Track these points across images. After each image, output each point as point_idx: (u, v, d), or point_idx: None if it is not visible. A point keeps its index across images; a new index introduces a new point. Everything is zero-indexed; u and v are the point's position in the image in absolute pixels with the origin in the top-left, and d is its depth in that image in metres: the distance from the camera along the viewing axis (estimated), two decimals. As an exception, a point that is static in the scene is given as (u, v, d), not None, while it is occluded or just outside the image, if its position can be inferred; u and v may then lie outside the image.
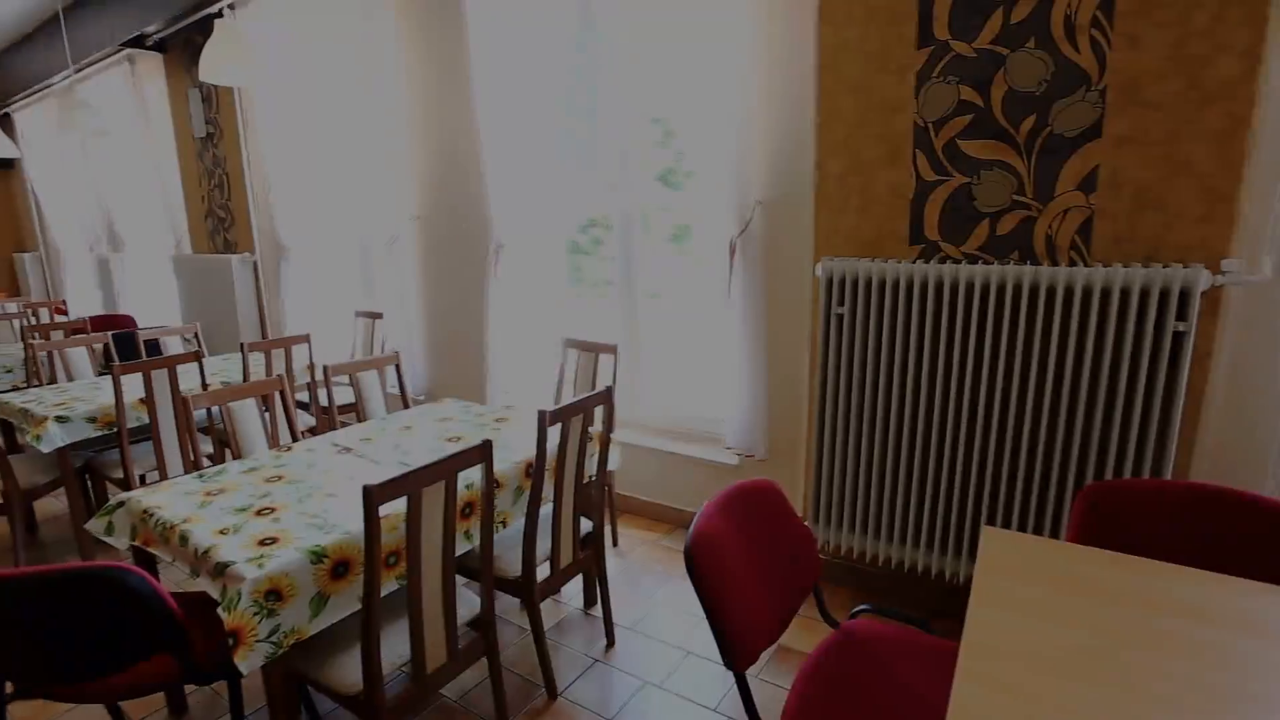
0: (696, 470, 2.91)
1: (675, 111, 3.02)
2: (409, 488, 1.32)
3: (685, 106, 2.70)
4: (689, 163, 3.10)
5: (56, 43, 5.20)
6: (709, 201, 2.55)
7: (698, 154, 2.98)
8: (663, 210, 3.07)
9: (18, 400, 2.85)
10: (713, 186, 2.52)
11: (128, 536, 1.71)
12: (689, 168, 3.11)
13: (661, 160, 3.11)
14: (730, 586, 1.24)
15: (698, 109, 2.53)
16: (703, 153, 2.59)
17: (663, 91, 2.93)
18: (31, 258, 7.82)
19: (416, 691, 1.52)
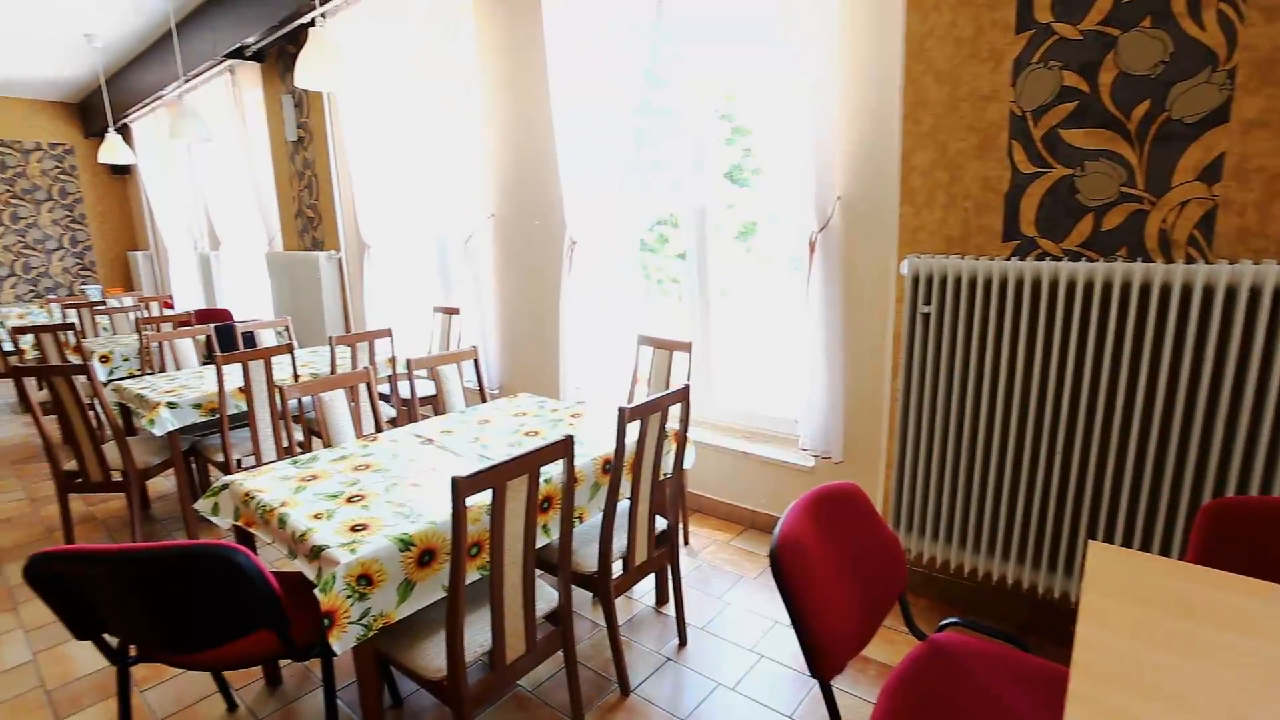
0: (769, 471, 2.86)
1: (746, 107, 2.98)
2: (494, 480, 1.35)
3: (758, 102, 2.65)
4: (756, 159, 3.05)
5: (168, 56, 5.59)
6: (779, 198, 2.50)
7: (768, 150, 2.93)
8: (729, 207, 3.04)
9: (135, 387, 3.08)
10: (784, 183, 2.46)
11: (231, 517, 1.81)
12: (755, 164, 3.06)
13: (728, 157, 3.07)
14: (817, 592, 1.21)
15: (772, 104, 2.48)
16: (775, 149, 2.54)
17: (735, 87, 2.89)
18: (143, 256, 8.46)
19: (495, 680, 1.55)
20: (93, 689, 2.09)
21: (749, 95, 2.96)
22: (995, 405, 2.01)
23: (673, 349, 2.69)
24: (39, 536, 3.21)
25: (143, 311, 5.48)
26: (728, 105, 2.98)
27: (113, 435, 2.87)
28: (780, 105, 2.45)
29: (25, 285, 8.01)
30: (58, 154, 8.09)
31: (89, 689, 2.09)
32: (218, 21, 4.87)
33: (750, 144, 3.10)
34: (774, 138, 2.93)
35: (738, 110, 3.03)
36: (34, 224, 8.00)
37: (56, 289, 8.24)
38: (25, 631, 2.41)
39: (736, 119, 3.06)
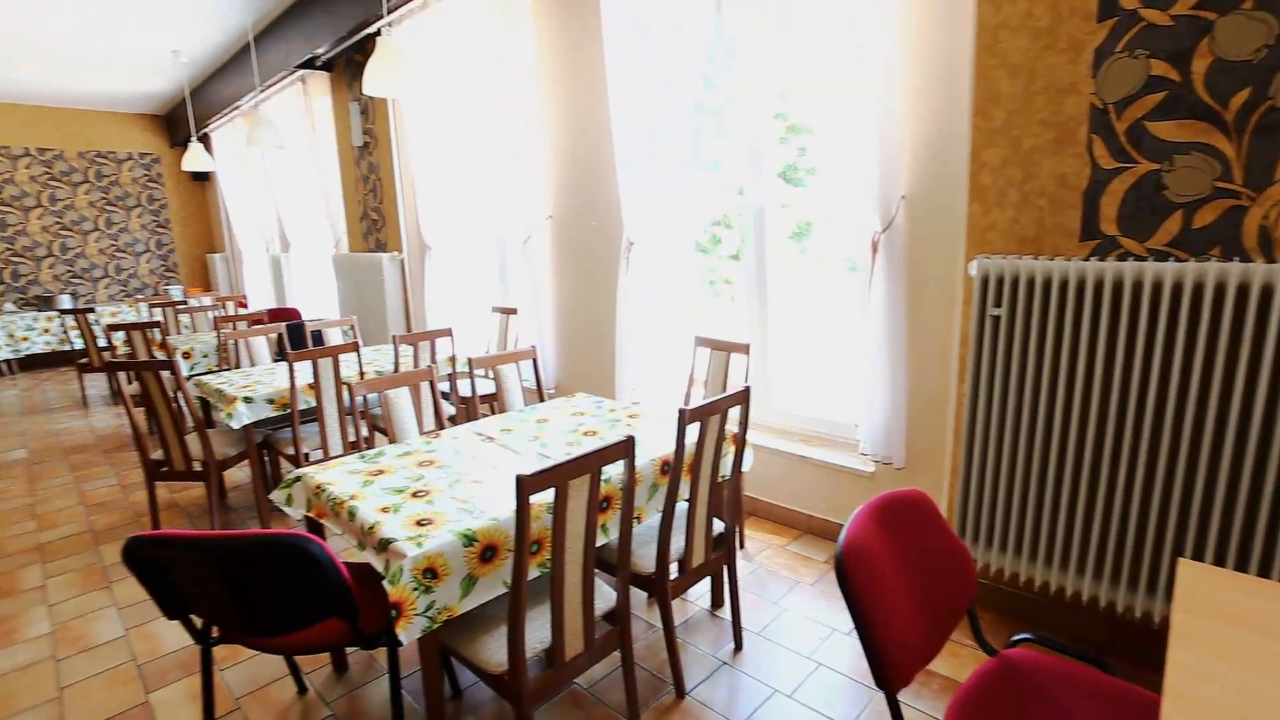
0: (827, 476, 2.81)
1: (802, 105, 2.93)
2: (557, 479, 1.37)
3: (815, 100, 2.60)
4: (811, 158, 3.00)
5: (246, 69, 5.88)
6: (835, 198, 2.45)
7: (824, 149, 2.88)
8: (783, 207, 3.00)
9: (214, 382, 3.25)
10: (841, 182, 2.42)
11: (304, 508, 1.89)
12: (810, 164, 3.01)
13: (783, 156, 3.03)
14: (884, 600, 1.18)
15: (831, 102, 2.43)
16: (832, 147, 2.49)
17: (790, 85, 2.85)
18: (220, 258, 8.92)
19: (554, 677, 1.57)
20: (177, 665, 2.21)
21: (805, 93, 2.92)
22: (1071, 411, 1.91)
23: (730, 350, 2.67)
24: (129, 520, 3.42)
25: (220, 310, 5.78)
26: (782, 104, 2.94)
27: (194, 427, 3.04)
28: (840, 103, 2.40)
29: (117, 285, 8.56)
30: (146, 163, 8.62)
31: (174, 665, 2.22)
32: (291, 34, 5.09)
33: (805, 143, 3.06)
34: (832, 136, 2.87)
35: (792, 108, 2.99)
36: (125, 228, 8.55)
37: (143, 289, 8.78)
38: (118, 609, 2.58)
39: (790, 117, 3.02)
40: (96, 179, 8.28)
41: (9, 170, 7.72)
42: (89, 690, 2.12)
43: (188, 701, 2.04)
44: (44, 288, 8.07)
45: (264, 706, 2.00)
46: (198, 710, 2.00)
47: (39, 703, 2.07)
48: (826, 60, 2.43)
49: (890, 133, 2.31)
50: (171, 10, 4.89)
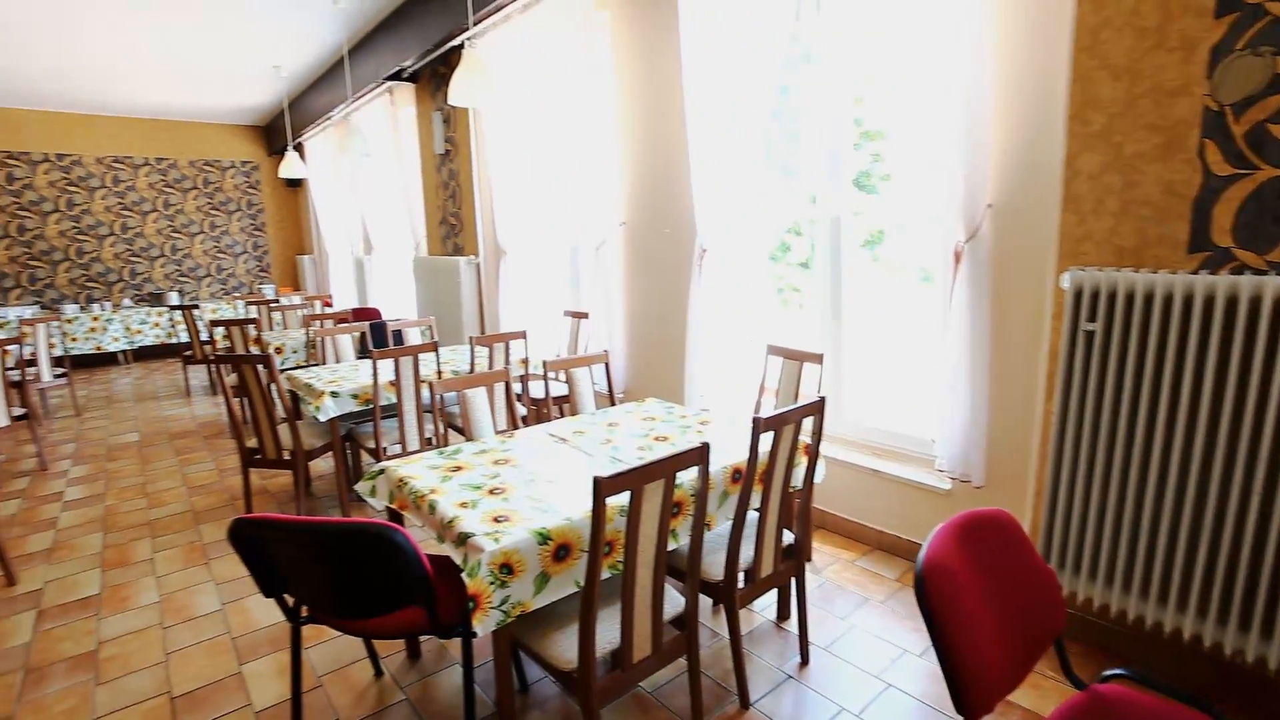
0: (901, 491, 2.73)
1: (877, 111, 2.87)
2: (633, 483, 1.39)
3: (892, 105, 2.55)
4: (886, 165, 2.93)
5: (339, 81, 6.22)
6: (911, 206, 2.38)
7: (899, 155, 2.82)
8: (855, 215, 2.93)
9: (304, 376, 3.44)
10: (918, 189, 2.35)
11: (386, 499, 1.98)
12: (884, 170, 2.94)
13: (856, 163, 2.97)
14: (966, 623, 1.14)
15: (909, 107, 2.37)
16: (910, 154, 2.42)
17: (868, 90, 2.79)
18: (309, 259, 9.46)
19: (621, 679, 1.59)
20: (267, 641, 2.36)
21: (881, 98, 2.85)
22: (1174, 435, 1.79)
23: (803, 360, 2.63)
24: (225, 503, 3.66)
25: (309, 309, 6.13)
26: (856, 108, 2.89)
27: (285, 418, 3.23)
28: (920, 108, 2.34)
29: (217, 284, 9.21)
30: (246, 170, 9.24)
31: (264, 640, 2.36)
32: (381, 48, 5.36)
33: (879, 149, 2.99)
34: (909, 142, 2.80)
35: (866, 114, 2.93)
36: (226, 231, 9.18)
37: (240, 287, 9.40)
38: (216, 584, 2.77)
39: (864, 123, 2.96)
40: (203, 185, 8.93)
41: (131, 178, 8.44)
42: (190, 657, 2.28)
43: (275, 676, 2.17)
44: (156, 285, 8.76)
45: (344, 686, 2.10)
46: (285, 684, 2.12)
47: (149, 665, 2.25)
48: (907, 64, 2.37)
49: (978, 139, 2.22)
50: (276, 30, 5.24)
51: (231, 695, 2.08)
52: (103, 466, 4.37)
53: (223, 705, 2.04)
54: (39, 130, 7.85)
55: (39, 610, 2.62)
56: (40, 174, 7.91)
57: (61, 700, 2.09)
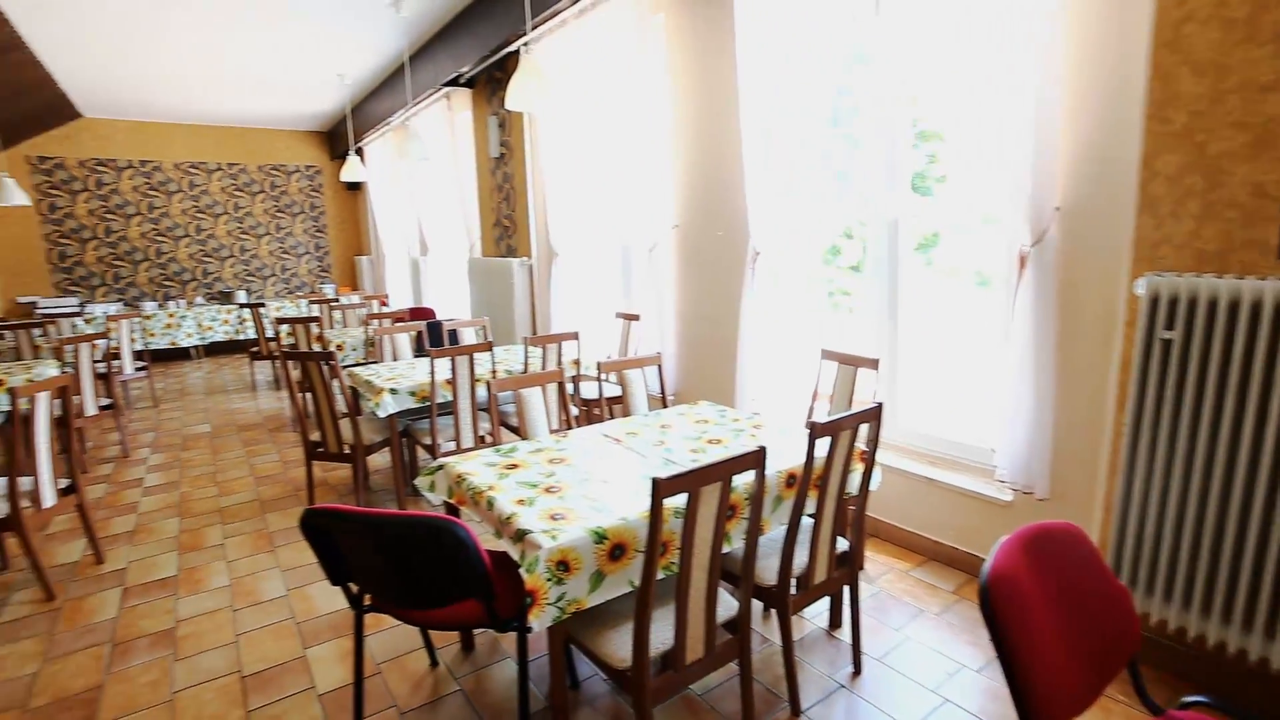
0: (957, 501, 2.66)
1: (936, 110, 2.80)
2: (691, 485, 1.39)
3: (952, 104, 2.48)
4: (942, 166, 2.86)
5: (399, 88, 6.43)
6: (968, 208, 2.32)
7: (957, 156, 2.75)
8: (911, 218, 2.87)
9: (364, 373, 3.57)
10: (977, 191, 2.28)
11: (444, 494, 2.04)
12: (940, 171, 2.87)
13: (912, 164, 2.90)
14: (1034, 638, 1.11)
15: (971, 106, 2.31)
16: (970, 155, 2.36)
17: (927, 89, 2.73)
18: (366, 260, 9.78)
19: (673, 679, 1.60)
20: (329, 627, 2.45)
21: (938, 98, 2.78)
22: (1261, 451, 1.70)
23: (858, 365, 2.59)
24: (288, 493, 3.82)
25: (369, 308, 6.34)
26: (912, 108, 2.83)
27: (347, 413, 3.35)
28: (981, 107, 2.27)
29: (281, 283, 9.61)
30: (309, 174, 9.61)
31: (326, 626, 2.46)
32: (439, 55, 5.50)
33: (934, 149, 2.92)
34: (969, 143, 2.73)
35: (922, 114, 2.86)
36: (290, 233, 9.57)
37: (301, 287, 9.78)
38: (281, 571, 2.89)
39: (920, 123, 2.90)
40: (270, 189, 9.33)
41: (205, 182, 8.88)
42: (258, 640, 2.39)
43: (337, 661, 2.25)
44: (225, 284, 9.20)
45: (401, 674, 2.17)
46: (345, 669, 2.20)
47: (221, 644, 2.37)
48: (969, 62, 2.31)
49: (1046, 139, 2.15)
50: (341, 39, 5.44)
51: (297, 677, 2.17)
52: (178, 455, 4.62)
53: (289, 686, 2.13)
54: (125, 139, 8.35)
55: (124, 588, 2.79)
56: (125, 179, 8.41)
57: (145, 673, 2.22)
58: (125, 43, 5.37)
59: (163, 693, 2.12)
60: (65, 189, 8.11)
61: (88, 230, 8.28)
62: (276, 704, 2.05)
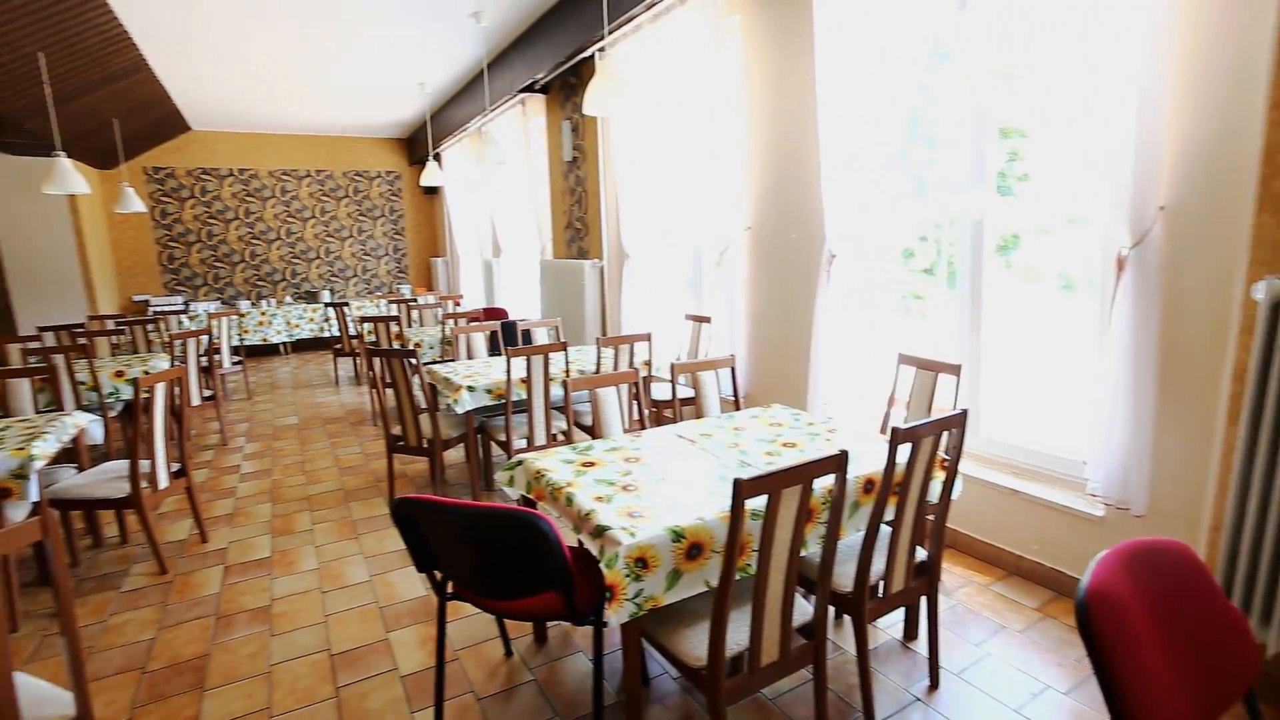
0: (1043, 515, 2.54)
1: (1023, 107, 2.68)
2: (771, 487, 1.40)
3: (1041, 99, 2.38)
4: (1024, 164, 2.74)
5: (476, 95, 6.65)
6: (1053, 208, 2.21)
7: (1047, 154, 2.62)
8: (997, 218, 2.76)
9: (442, 371, 3.71)
10: (1063, 191, 2.17)
11: (523, 489, 2.10)
12: (1022, 170, 2.75)
13: (997, 162, 2.79)
14: (1139, 662, 1.05)
15: (1064, 100, 2.20)
16: (1060, 152, 2.25)
17: (1013, 85, 2.62)
18: (441, 261, 10.14)
19: (747, 681, 1.60)
20: (408, 613, 2.57)
21: (1023, 92, 2.67)
22: (1399, 471, 1.56)
23: (938, 371, 2.51)
24: (370, 484, 4.02)
25: (445, 308, 6.57)
26: (997, 106, 2.72)
27: (426, 409, 3.50)
28: (1074, 101, 2.16)
29: (362, 284, 10.08)
30: (390, 179, 10.06)
31: (406, 612, 2.57)
32: (516, 62, 5.66)
33: (1016, 146, 2.80)
34: (1058, 139, 2.60)
35: (1005, 110, 2.74)
36: (370, 235, 10.04)
37: (380, 287, 10.24)
38: (365, 557, 3.05)
39: (1002, 120, 2.78)
40: (354, 194, 9.82)
41: (295, 188, 9.43)
42: (345, 621, 2.53)
43: (417, 645, 2.36)
44: (311, 284, 9.73)
45: (477, 661, 2.25)
46: (425, 654, 2.30)
47: (311, 624, 2.51)
48: (1061, 54, 2.21)
49: (1150, 134, 2.03)
50: (423, 49, 5.68)
51: (381, 659, 2.29)
52: (269, 445, 4.92)
53: (374, 666, 2.24)
54: (226, 149, 8.96)
55: (225, 566, 3.00)
56: (225, 187, 9.02)
57: (245, 645, 2.39)
58: (228, 60, 5.78)
59: (261, 664, 2.27)
60: (174, 196, 8.77)
61: (192, 234, 8.92)
62: (363, 682, 2.16)
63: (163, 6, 4.48)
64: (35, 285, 7.32)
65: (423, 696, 2.08)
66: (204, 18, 4.74)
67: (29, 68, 4.54)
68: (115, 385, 4.19)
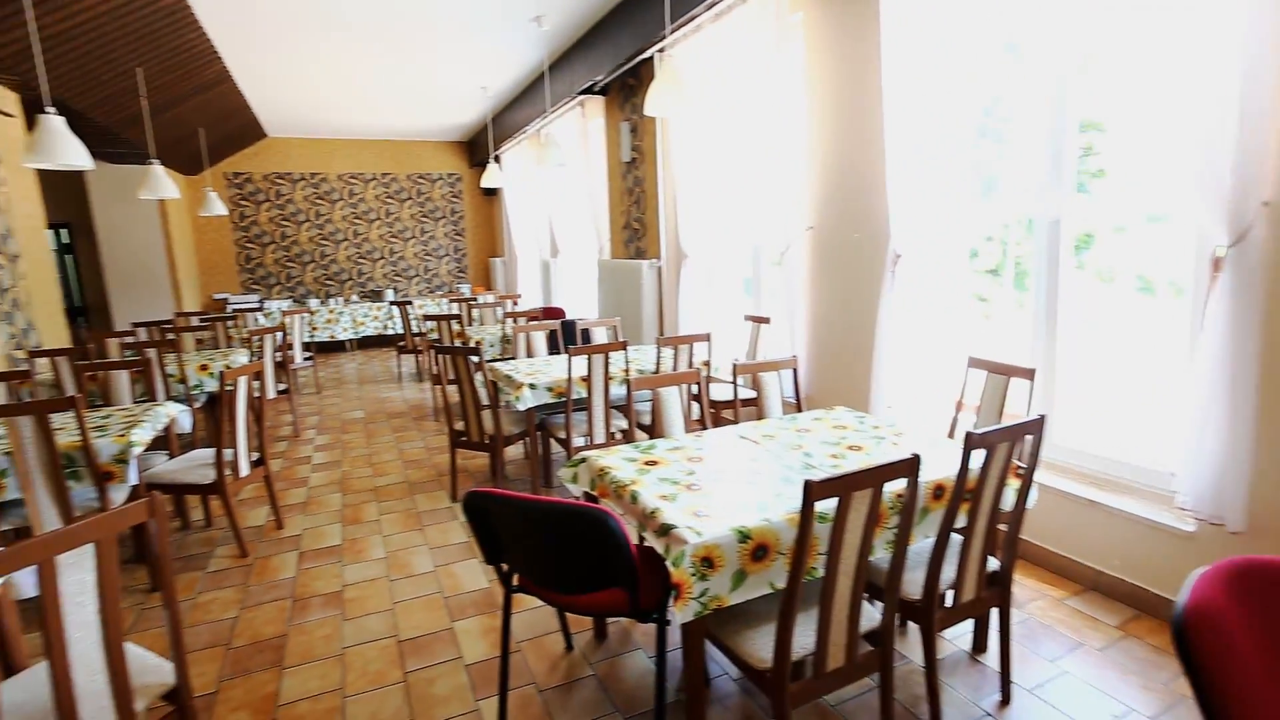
0: (1126, 528, 2.42)
1: (1101, 98, 2.55)
2: (842, 489, 1.38)
3: (1122, 89, 2.25)
4: (1100, 159, 2.61)
5: (536, 98, 6.77)
6: (1137, 205, 2.09)
7: (1126, 147, 2.49)
8: (1075, 217, 2.64)
9: (504, 368, 3.79)
10: (1146, 186, 2.05)
11: (587, 486, 2.13)
12: (1097, 165, 2.61)
13: (1075, 158, 2.67)
14: (1245, 691, 0.99)
15: (1150, 90, 2.08)
16: (1142, 145, 2.13)
17: (1088, 76, 2.50)
18: (500, 261, 10.36)
19: (811, 685, 1.58)
20: (472, 604, 2.64)
21: (1100, 83, 2.54)
22: None
23: (1010, 375, 2.42)
24: (432, 478, 4.14)
25: (505, 307, 6.71)
26: (1073, 98, 2.60)
27: (488, 405, 3.58)
28: (1162, 90, 2.05)
29: (423, 283, 10.40)
30: (450, 181, 10.34)
31: (469, 603, 2.65)
32: (576, 64, 5.74)
33: (1090, 140, 2.67)
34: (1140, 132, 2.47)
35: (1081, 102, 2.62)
36: (432, 236, 10.34)
37: (441, 286, 10.53)
38: (430, 548, 3.14)
39: (1081, 113, 2.66)
40: (417, 196, 10.13)
41: (362, 191, 9.80)
42: (411, 609, 2.62)
43: (480, 635, 2.42)
44: (376, 283, 10.09)
45: (539, 653, 2.30)
46: (488, 644, 2.36)
47: (380, 610, 2.61)
48: (1148, 39, 2.09)
49: (1253, 124, 1.91)
50: (485, 53, 5.82)
51: (446, 647, 2.36)
52: (338, 437, 5.13)
53: (440, 654, 2.32)
54: (299, 154, 9.39)
55: (300, 552, 3.15)
56: (298, 190, 9.45)
57: (319, 628, 2.50)
58: (302, 69, 6.05)
59: (335, 647, 2.38)
60: (251, 200, 9.24)
61: (267, 236, 9.38)
62: (430, 669, 2.24)
63: (245, 22, 4.73)
64: (129, 283, 7.85)
65: (486, 685, 2.14)
66: (280, 30, 4.98)
67: (129, 83, 4.87)
68: (200, 378, 4.45)
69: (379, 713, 2.03)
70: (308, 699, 2.10)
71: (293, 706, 2.07)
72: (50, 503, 2.53)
